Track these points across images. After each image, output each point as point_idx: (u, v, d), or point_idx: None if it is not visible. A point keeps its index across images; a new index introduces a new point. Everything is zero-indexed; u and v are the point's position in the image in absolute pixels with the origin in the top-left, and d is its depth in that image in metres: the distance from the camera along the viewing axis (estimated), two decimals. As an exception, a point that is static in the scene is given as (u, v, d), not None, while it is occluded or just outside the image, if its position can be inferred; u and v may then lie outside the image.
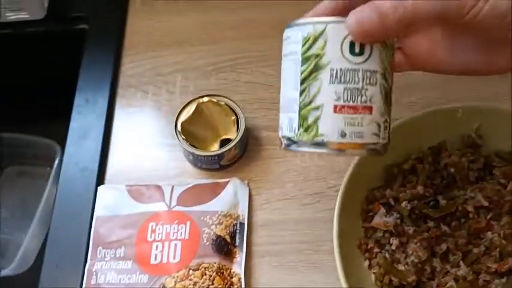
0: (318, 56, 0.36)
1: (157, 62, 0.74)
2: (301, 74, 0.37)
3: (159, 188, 0.60)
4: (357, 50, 0.35)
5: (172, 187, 0.60)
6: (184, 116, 0.63)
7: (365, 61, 0.35)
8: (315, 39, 0.36)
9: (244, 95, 0.70)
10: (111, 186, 0.62)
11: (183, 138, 0.61)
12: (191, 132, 0.62)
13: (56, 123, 0.88)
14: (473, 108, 0.56)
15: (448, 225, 0.52)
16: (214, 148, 0.63)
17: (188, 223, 0.57)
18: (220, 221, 0.57)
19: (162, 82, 0.72)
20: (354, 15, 0.35)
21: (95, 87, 0.71)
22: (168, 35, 0.76)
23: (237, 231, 0.57)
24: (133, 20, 0.79)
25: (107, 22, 0.78)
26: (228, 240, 0.56)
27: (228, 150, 0.60)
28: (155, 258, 0.55)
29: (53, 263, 0.58)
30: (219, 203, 0.58)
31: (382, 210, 0.52)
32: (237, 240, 0.57)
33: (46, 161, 0.92)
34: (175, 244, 0.55)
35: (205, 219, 0.57)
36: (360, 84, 0.35)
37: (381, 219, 0.52)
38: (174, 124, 0.62)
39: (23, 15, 0.77)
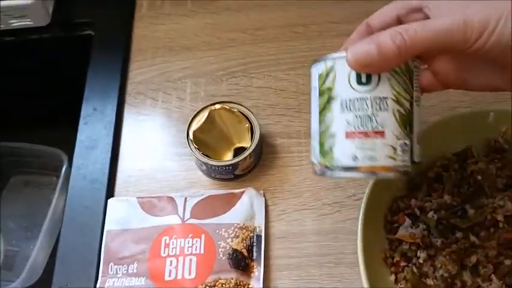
0: (330, 89, 0.39)
1: (166, 68, 0.72)
2: (319, 106, 0.40)
3: (171, 199, 0.58)
4: (363, 80, 0.38)
5: (186, 199, 0.58)
6: (196, 124, 0.60)
7: (373, 89, 0.38)
8: (327, 75, 0.39)
9: (257, 101, 0.68)
10: (121, 199, 0.59)
11: (195, 148, 0.59)
12: (203, 141, 0.60)
13: (62, 131, 0.86)
14: (503, 112, 0.53)
15: (477, 236, 0.49)
16: (228, 157, 0.60)
17: (203, 237, 0.54)
18: (237, 234, 0.54)
19: (171, 88, 0.70)
20: (350, 50, 0.36)
21: (102, 95, 0.69)
22: (176, 40, 0.74)
23: (254, 244, 0.55)
24: (140, 25, 0.76)
25: (113, 28, 0.76)
26: (245, 254, 0.54)
27: (243, 159, 0.58)
28: (169, 275, 0.52)
29: (63, 280, 0.56)
30: (235, 215, 0.56)
31: (408, 221, 0.50)
32: (255, 254, 0.54)
33: (52, 170, 0.90)
34: (190, 259, 0.53)
35: (220, 232, 0.54)
36: (370, 111, 0.38)
37: (407, 230, 0.49)
38: (185, 133, 0.60)
39: (27, 22, 0.75)
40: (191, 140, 0.59)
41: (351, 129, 0.38)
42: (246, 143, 0.60)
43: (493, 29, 0.33)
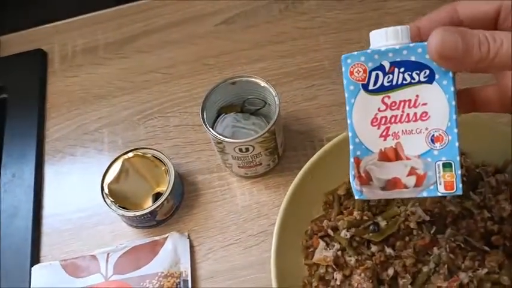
0: None
1: (83, 120, 0.71)
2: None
3: (94, 257, 0.57)
4: None
5: (108, 255, 0.57)
6: (110, 177, 0.60)
7: None
8: None
9: (176, 140, 0.67)
10: (45, 265, 0.58)
11: (111, 201, 0.58)
12: (120, 192, 0.59)
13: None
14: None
15: (393, 247, 0.49)
16: (149, 203, 0.59)
17: (127, 292, 0.53)
18: (161, 284, 0.54)
19: (89, 141, 0.69)
20: (438, 34, 0.32)
21: (20, 159, 0.68)
22: (90, 90, 0.74)
23: (181, 290, 0.54)
24: (54, 80, 0.76)
25: (26, 88, 0.75)
26: (172, 302, 0.53)
27: (160, 205, 0.57)
28: (96, 338, 0.51)
29: None
30: (158, 264, 0.55)
31: (322, 243, 0.50)
32: (183, 300, 0.54)
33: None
34: (116, 317, 0.52)
35: (144, 284, 0.54)
36: None
37: (322, 253, 0.49)
38: (100, 186, 0.59)
39: None
40: (106, 194, 0.58)
41: None
42: (165, 187, 0.59)
43: None
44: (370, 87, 0.35)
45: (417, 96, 0.34)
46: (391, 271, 0.48)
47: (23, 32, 0.81)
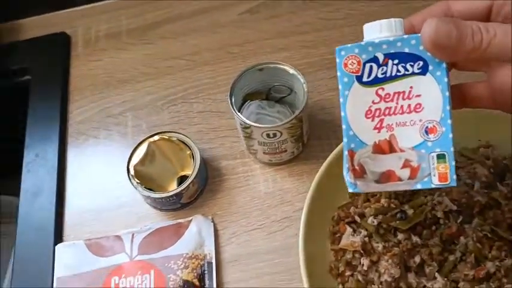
0: None
1: (106, 104, 0.72)
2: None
3: (118, 238, 0.57)
4: None
5: (133, 235, 0.57)
6: (136, 159, 0.60)
7: None
8: None
9: (199, 126, 0.68)
10: (69, 244, 0.59)
11: (137, 182, 0.58)
12: (146, 174, 0.60)
13: (15, 178, 0.85)
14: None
15: (419, 235, 0.49)
16: (173, 187, 0.60)
17: (152, 272, 0.54)
18: (186, 265, 0.54)
19: (113, 124, 0.69)
20: (431, 23, 0.32)
21: (43, 140, 0.68)
22: (114, 74, 0.74)
23: (206, 272, 0.55)
24: (77, 63, 0.76)
25: (50, 70, 0.75)
26: (197, 283, 0.53)
27: (186, 187, 0.58)
28: (122, 315, 0.52)
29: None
30: (183, 245, 0.56)
31: (349, 229, 0.50)
32: (207, 282, 0.54)
33: (9, 217, 0.88)
34: (142, 296, 0.53)
35: (169, 265, 0.54)
36: None
37: (348, 239, 0.50)
38: (126, 168, 0.59)
39: (-38, 75, 0.74)
40: (132, 176, 0.59)
41: None
42: (189, 170, 0.60)
43: None
44: (364, 79, 0.35)
45: (411, 87, 0.34)
46: (417, 258, 0.48)
47: (47, 15, 0.82)
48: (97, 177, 0.66)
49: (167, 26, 0.78)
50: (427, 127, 0.34)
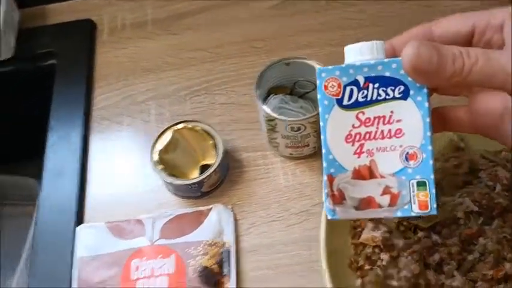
0: None
1: (130, 91, 0.72)
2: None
3: (140, 222, 0.58)
4: None
5: (154, 220, 0.58)
6: (160, 145, 0.61)
7: None
8: None
9: (221, 117, 0.69)
10: (90, 225, 0.60)
11: (160, 169, 0.59)
12: (169, 161, 0.61)
13: (35, 161, 0.86)
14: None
15: (439, 234, 0.50)
16: (195, 175, 0.61)
17: (173, 256, 0.55)
18: (206, 251, 0.55)
19: (136, 111, 0.70)
20: (413, 45, 0.32)
21: (67, 123, 0.69)
22: (138, 63, 0.75)
23: (224, 260, 0.55)
24: (102, 50, 0.77)
25: (76, 55, 0.76)
26: (216, 270, 0.54)
27: (208, 176, 0.59)
28: (142, 296, 0.53)
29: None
30: (203, 232, 0.57)
31: (370, 224, 0.51)
32: (225, 269, 0.55)
33: (27, 200, 0.89)
34: (162, 280, 0.53)
35: (189, 250, 0.55)
36: None
37: (369, 234, 0.50)
38: (150, 155, 0.60)
39: (-11, 56, 0.75)
40: (156, 162, 0.60)
41: None
42: (211, 160, 0.61)
43: None
44: (345, 102, 0.34)
45: (392, 112, 0.33)
46: (437, 256, 0.49)
47: (74, 1, 0.83)
48: (119, 162, 0.67)
49: (192, 17, 0.79)
50: (407, 153, 0.33)
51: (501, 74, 0.30)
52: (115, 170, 0.66)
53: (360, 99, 0.33)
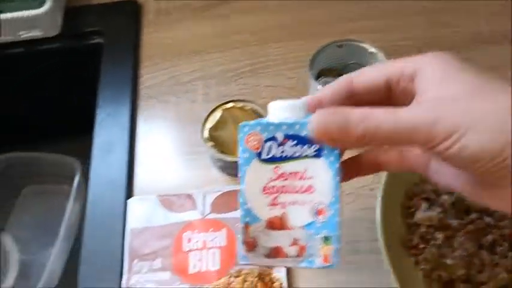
0: None
1: (175, 72, 0.73)
2: None
3: (190, 196, 0.59)
4: None
5: (204, 195, 0.59)
6: (210, 123, 0.62)
7: None
8: None
9: (266, 99, 0.68)
10: (141, 198, 0.61)
11: (211, 145, 0.60)
12: (218, 139, 0.62)
13: (73, 139, 0.88)
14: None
15: (491, 216, 0.51)
16: (242, 154, 0.61)
17: (224, 230, 0.56)
18: (256, 226, 0.56)
19: (182, 91, 0.71)
20: (318, 116, 0.33)
21: (115, 100, 0.70)
22: (184, 44, 0.76)
23: (274, 235, 0.56)
24: (148, 31, 0.78)
25: (122, 35, 0.77)
26: (266, 245, 0.55)
27: (258, 154, 0.59)
28: (194, 267, 0.54)
29: (88, 280, 0.57)
30: (253, 209, 0.57)
31: (424, 205, 0.51)
32: (275, 245, 0.56)
33: (65, 178, 0.91)
34: (214, 252, 0.55)
35: (239, 225, 0.56)
36: None
37: (424, 214, 0.51)
38: (200, 132, 0.61)
39: (37, 33, 0.76)
40: (207, 138, 0.61)
41: None
42: (259, 140, 0.61)
43: (458, 137, 0.30)
44: (264, 156, 0.35)
45: (305, 169, 0.35)
46: (490, 237, 0.49)
47: (119, -18, 0.84)
48: (166, 139, 0.68)
49: (238, 1, 0.79)
50: (317, 209, 0.35)
51: (404, 131, 0.31)
52: (162, 148, 0.67)
53: (278, 155, 0.35)
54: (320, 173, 0.34)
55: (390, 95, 0.34)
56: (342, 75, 0.61)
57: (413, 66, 0.33)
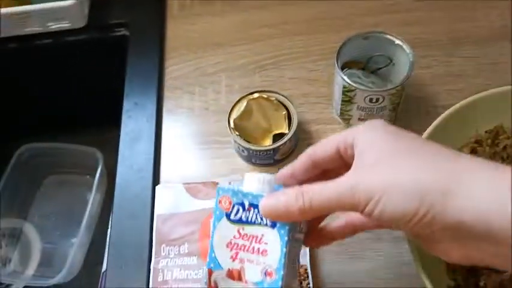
0: None
1: (200, 63, 0.75)
2: None
3: (216, 184, 0.61)
4: None
5: (230, 183, 0.60)
6: (235, 113, 0.63)
7: None
8: None
9: (290, 91, 0.70)
10: (168, 185, 0.62)
11: (237, 135, 0.62)
12: (243, 129, 0.63)
13: (97, 130, 0.90)
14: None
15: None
16: (266, 144, 0.63)
17: (250, 217, 0.57)
18: (282, 214, 0.57)
19: (207, 82, 0.73)
20: (265, 199, 0.38)
21: (142, 90, 0.72)
22: (208, 37, 0.77)
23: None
24: (172, 24, 0.80)
25: (147, 28, 0.79)
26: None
27: (283, 143, 0.61)
28: (221, 253, 0.55)
29: (117, 264, 0.58)
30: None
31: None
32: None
33: (88, 169, 0.93)
34: (240, 238, 0.56)
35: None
36: None
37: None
38: (226, 121, 0.63)
39: (64, 24, 0.78)
40: (232, 128, 0.62)
41: None
42: (283, 130, 0.63)
43: (376, 201, 0.33)
44: (231, 217, 0.40)
45: (262, 235, 0.39)
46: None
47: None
48: (191, 129, 0.69)
49: (260, -5, 0.81)
50: (266, 270, 0.39)
51: (334, 198, 0.35)
52: (187, 137, 0.68)
53: (243, 218, 0.40)
54: (272, 241, 0.39)
55: (346, 162, 0.38)
56: (365, 68, 0.63)
57: (352, 135, 0.37)
